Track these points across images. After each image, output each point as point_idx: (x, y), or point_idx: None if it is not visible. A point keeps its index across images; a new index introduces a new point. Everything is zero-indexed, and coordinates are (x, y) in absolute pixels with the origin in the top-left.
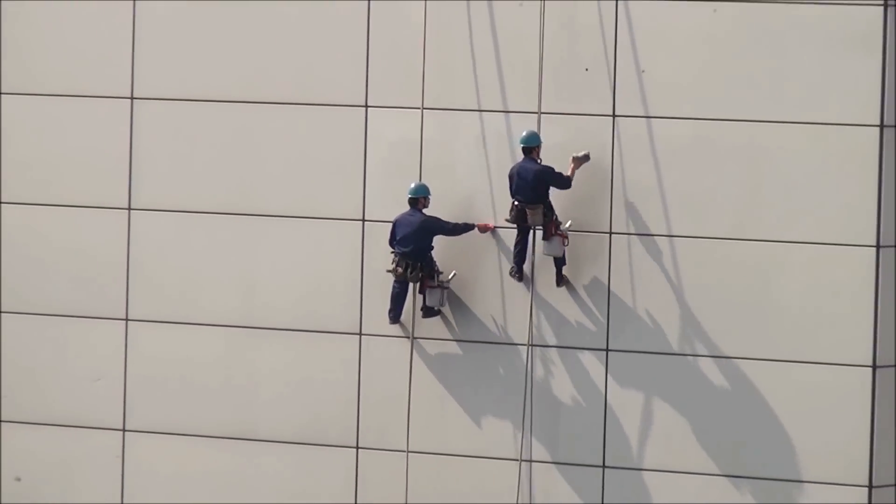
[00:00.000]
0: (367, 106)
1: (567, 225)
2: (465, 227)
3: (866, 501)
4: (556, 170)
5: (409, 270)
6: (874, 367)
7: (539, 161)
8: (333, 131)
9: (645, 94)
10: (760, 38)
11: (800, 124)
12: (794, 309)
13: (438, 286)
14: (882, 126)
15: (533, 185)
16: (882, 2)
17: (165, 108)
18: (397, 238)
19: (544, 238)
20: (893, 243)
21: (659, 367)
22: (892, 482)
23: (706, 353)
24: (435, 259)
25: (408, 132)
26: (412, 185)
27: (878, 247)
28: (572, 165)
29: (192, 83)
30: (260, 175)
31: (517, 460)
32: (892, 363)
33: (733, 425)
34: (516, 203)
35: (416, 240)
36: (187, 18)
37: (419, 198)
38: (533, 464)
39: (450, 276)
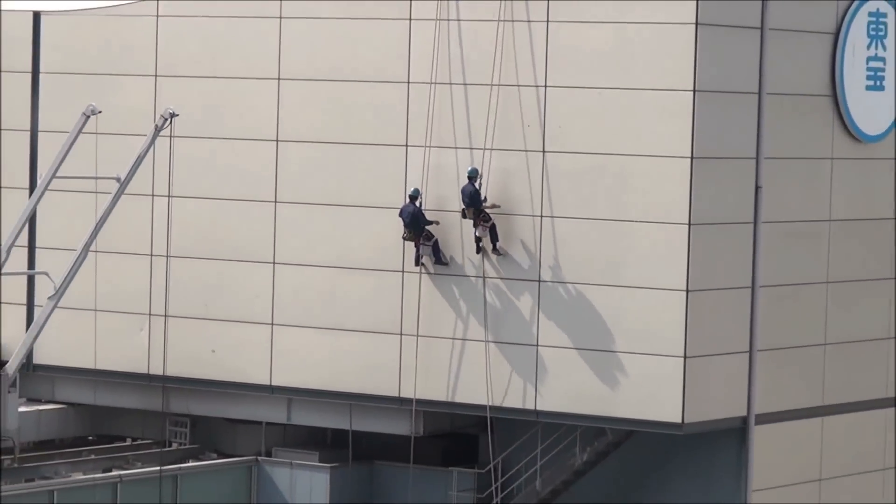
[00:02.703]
0: (406, 145)
1: (490, 225)
2: (429, 221)
3: (681, 370)
4: (482, 195)
5: (409, 235)
6: (687, 291)
7: (476, 186)
8: (389, 160)
9: (562, 140)
10: (621, 108)
11: (645, 157)
12: (638, 258)
13: (422, 244)
14: (692, 158)
15: (471, 199)
16: (691, 89)
17: (298, 147)
18: (403, 216)
19: (474, 226)
20: (701, 221)
21: (564, 292)
22: (700, 354)
23: (589, 282)
24: (429, 231)
25: (427, 159)
26: (412, 189)
27: (689, 224)
28: (489, 204)
29: (312, 130)
30: (350, 183)
31: (482, 341)
32: (698, 288)
33: (601, 323)
34: (464, 207)
35: (411, 219)
36: (306, 91)
37: (416, 196)
38: (501, 345)
39: (431, 241)
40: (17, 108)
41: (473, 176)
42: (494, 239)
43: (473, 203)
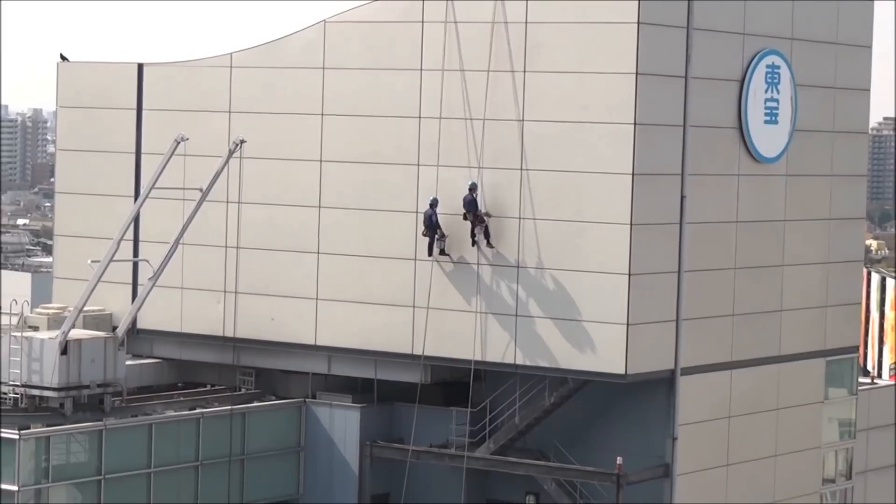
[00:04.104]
0: (418, 165)
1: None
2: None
3: (625, 334)
4: (477, 202)
5: (427, 233)
6: (629, 274)
7: (474, 196)
8: (405, 176)
9: (537, 159)
10: (581, 137)
11: (598, 173)
12: (593, 250)
13: (438, 240)
14: (633, 174)
15: (469, 206)
16: (633, 123)
17: (336, 165)
18: (425, 219)
19: (472, 227)
20: (640, 222)
21: (538, 275)
22: (639, 322)
23: (556, 268)
24: (441, 227)
25: (437, 175)
26: (431, 198)
27: (631, 224)
28: (483, 212)
29: (347, 153)
30: (375, 193)
31: (475, 311)
32: (638, 272)
33: (565, 298)
34: (465, 212)
35: (429, 222)
36: (343, 123)
37: (434, 203)
38: (489, 315)
39: (444, 238)
40: (125, 135)
41: (473, 188)
42: (487, 236)
43: (471, 209)
